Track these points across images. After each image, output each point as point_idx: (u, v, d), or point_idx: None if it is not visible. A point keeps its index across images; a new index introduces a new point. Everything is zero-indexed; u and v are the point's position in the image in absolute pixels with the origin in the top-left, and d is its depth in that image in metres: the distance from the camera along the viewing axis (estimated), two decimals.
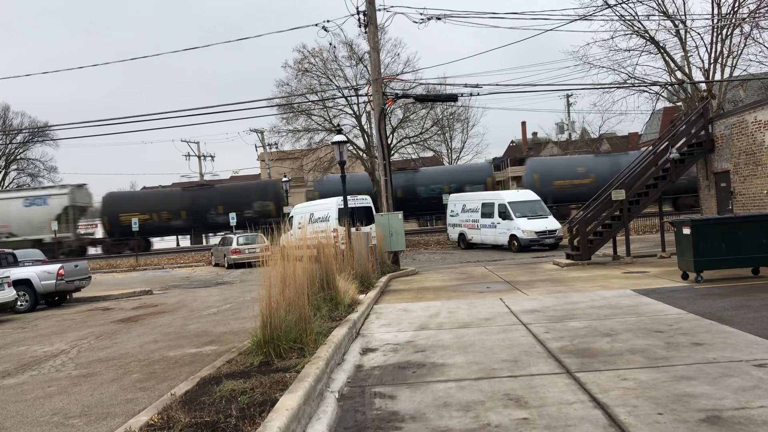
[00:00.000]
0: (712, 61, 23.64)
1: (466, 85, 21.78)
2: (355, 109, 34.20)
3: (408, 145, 36.33)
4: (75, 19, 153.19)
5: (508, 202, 26.54)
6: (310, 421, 5.41)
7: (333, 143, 18.90)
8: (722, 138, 18.85)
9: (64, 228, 39.47)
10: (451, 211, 30.77)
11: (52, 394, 7.42)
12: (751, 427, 4.72)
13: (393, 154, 33.43)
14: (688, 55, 24.23)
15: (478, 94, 22.20)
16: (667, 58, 24.48)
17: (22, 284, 16.95)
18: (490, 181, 40.83)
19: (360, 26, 21.07)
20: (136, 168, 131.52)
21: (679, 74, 24.57)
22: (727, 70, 24.18)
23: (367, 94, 23.89)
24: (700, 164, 20.21)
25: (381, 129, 21.21)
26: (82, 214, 41.93)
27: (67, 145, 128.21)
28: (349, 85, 33.31)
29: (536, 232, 25.43)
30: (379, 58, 21.57)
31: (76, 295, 19.06)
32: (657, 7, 23.81)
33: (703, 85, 23.86)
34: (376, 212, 23.82)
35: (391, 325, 10.30)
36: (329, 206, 25.77)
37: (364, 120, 34.42)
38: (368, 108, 29.56)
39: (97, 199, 43.80)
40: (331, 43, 39.23)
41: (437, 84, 31.95)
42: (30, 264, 20.09)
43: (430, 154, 43.49)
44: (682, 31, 24.03)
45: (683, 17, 23.84)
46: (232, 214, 36.71)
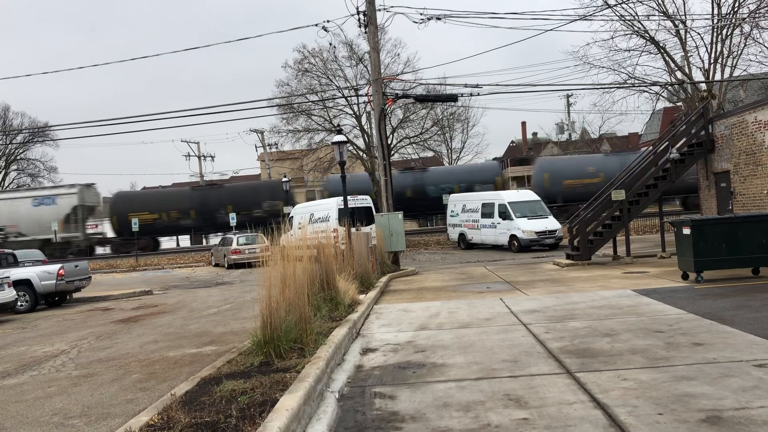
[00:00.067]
0: (712, 61, 23.66)
1: (466, 86, 21.78)
2: (355, 109, 34.26)
3: (408, 145, 36.35)
4: (75, 19, 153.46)
5: (508, 202, 26.55)
6: (310, 422, 5.41)
7: (333, 143, 18.90)
8: (722, 138, 18.85)
9: (73, 228, 39.56)
10: (451, 212, 30.77)
11: (52, 395, 7.42)
12: (752, 428, 4.72)
13: (393, 155, 33.44)
14: (688, 55, 24.25)
15: (478, 94, 22.21)
16: (667, 58, 24.50)
17: (22, 284, 16.97)
18: (500, 180, 40.59)
19: (360, 26, 21.08)
20: (136, 168, 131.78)
21: (679, 74, 24.58)
22: (727, 70, 24.22)
23: (367, 95, 23.89)
24: (701, 164, 20.20)
25: (381, 129, 21.21)
26: (91, 214, 41.91)
27: (67, 145, 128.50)
28: (349, 85, 33.35)
29: (536, 233, 25.45)
30: (379, 59, 21.57)
31: (76, 296, 19.08)
32: (657, 7, 23.84)
33: (703, 85, 23.86)
34: (376, 212, 23.82)
35: (391, 325, 10.30)
36: (329, 206, 25.79)
37: (364, 120, 34.46)
38: (368, 108, 29.59)
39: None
40: (331, 44, 39.26)
41: (437, 84, 31.98)
42: (30, 264, 20.09)
43: (430, 154, 43.50)
44: (682, 31, 24.05)
45: (683, 17, 23.87)
46: (233, 215, 36.70)
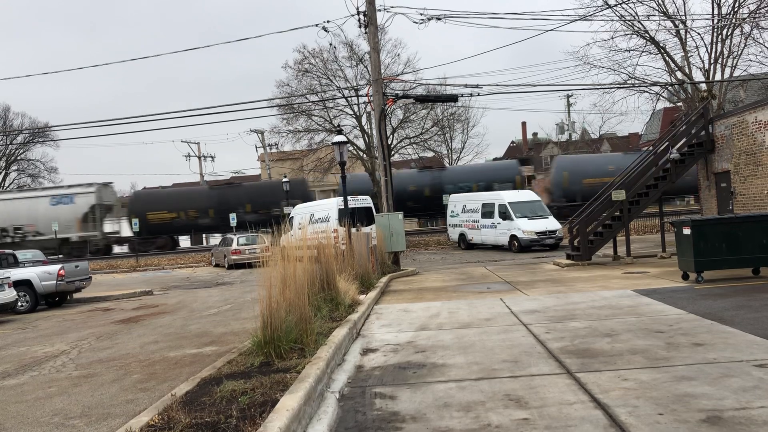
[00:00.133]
0: (713, 62, 23.65)
1: (466, 86, 21.79)
2: (356, 109, 34.24)
3: (408, 145, 36.32)
4: (75, 19, 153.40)
5: (509, 203, 26.54)
6: (310, 422, 5.41)
7: (333, 144, 18.88)
8: (722, 138, 18.84)
9: (91, 227, 39.66)
10: (452, 212, 30.75)
11: (52, 395, 7.42)
12: (752, 428, 4.72)
13: (393, 155, 33.42)
14: (689, 55, 24.24)
15: (479, 95, 22.21)
16: (667, 58, 24.49)
17: (22, 285, 16.97)
18: (519, 180, 40.02)
19: (360, 27, 21.09)
20: (137, 168, 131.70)
21: (679, 74, 24.58)
22: (728, 71, 24.21)
23: (367, 95, 23.90)
24: (701, 164, 20.20)
25: (381, 129, 21.21)
26: (108, 213, 41.93)
27: (68, 146, 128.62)
28: (349, 85, 33.35)
29: (537, 233, 25.44)
30: (379, 59, 21.58)
31: (76, 296, 19.08)
32: (657, 8, 23.83)
33: (704, 86, 23.85)
34: (377, 212, 23.83)
35: (392, 325, 10.30)
36: (329, 207, 25.79)
37: (364, 120, 34.44)
38: (368, 108, 29.59)
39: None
40: (331, 44, 39.22)
41: (437, 84, 32.01)
42: (30, 265, 20.11)
43: (431, 154, 43.43)
44: (682, 32, 24.04)
45: (683, 17, 23.86)
46: (233, 215, 36.67)
